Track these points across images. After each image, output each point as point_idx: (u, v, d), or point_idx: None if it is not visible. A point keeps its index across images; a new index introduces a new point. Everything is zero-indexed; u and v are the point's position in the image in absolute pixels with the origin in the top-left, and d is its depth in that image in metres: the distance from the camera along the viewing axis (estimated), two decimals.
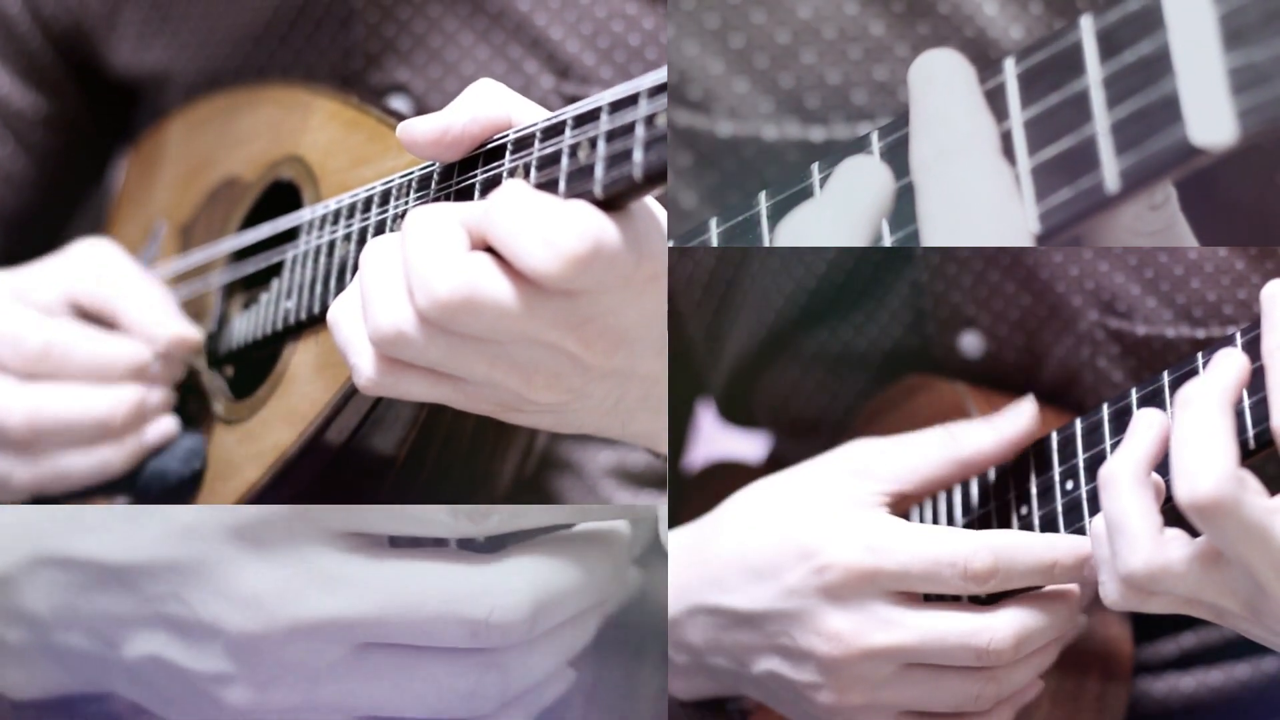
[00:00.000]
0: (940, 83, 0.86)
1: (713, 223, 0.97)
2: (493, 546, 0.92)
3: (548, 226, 0.84)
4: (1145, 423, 0.90)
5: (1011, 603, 0.98)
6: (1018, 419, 1.01)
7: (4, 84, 1.22)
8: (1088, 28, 0.83)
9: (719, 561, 1.02)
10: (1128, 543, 0.88)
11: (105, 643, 0.91)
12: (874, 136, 0.91)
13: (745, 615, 1.01)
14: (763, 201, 0.95)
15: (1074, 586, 0.99)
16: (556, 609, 0.91)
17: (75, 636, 0.91)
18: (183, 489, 1.07)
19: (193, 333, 1.08)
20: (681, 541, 1.04)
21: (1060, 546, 0.97)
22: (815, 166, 0.93)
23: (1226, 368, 0.88)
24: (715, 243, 0.97)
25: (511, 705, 0.92)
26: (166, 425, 1.07)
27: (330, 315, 0.91)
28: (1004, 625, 0.97)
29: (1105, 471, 0.90)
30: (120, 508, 0.91)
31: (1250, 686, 1.12)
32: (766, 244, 0.94)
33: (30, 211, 1.25)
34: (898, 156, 0.89)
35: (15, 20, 1.20)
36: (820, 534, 0.99)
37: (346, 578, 0.89)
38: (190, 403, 1.09)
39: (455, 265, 0.85)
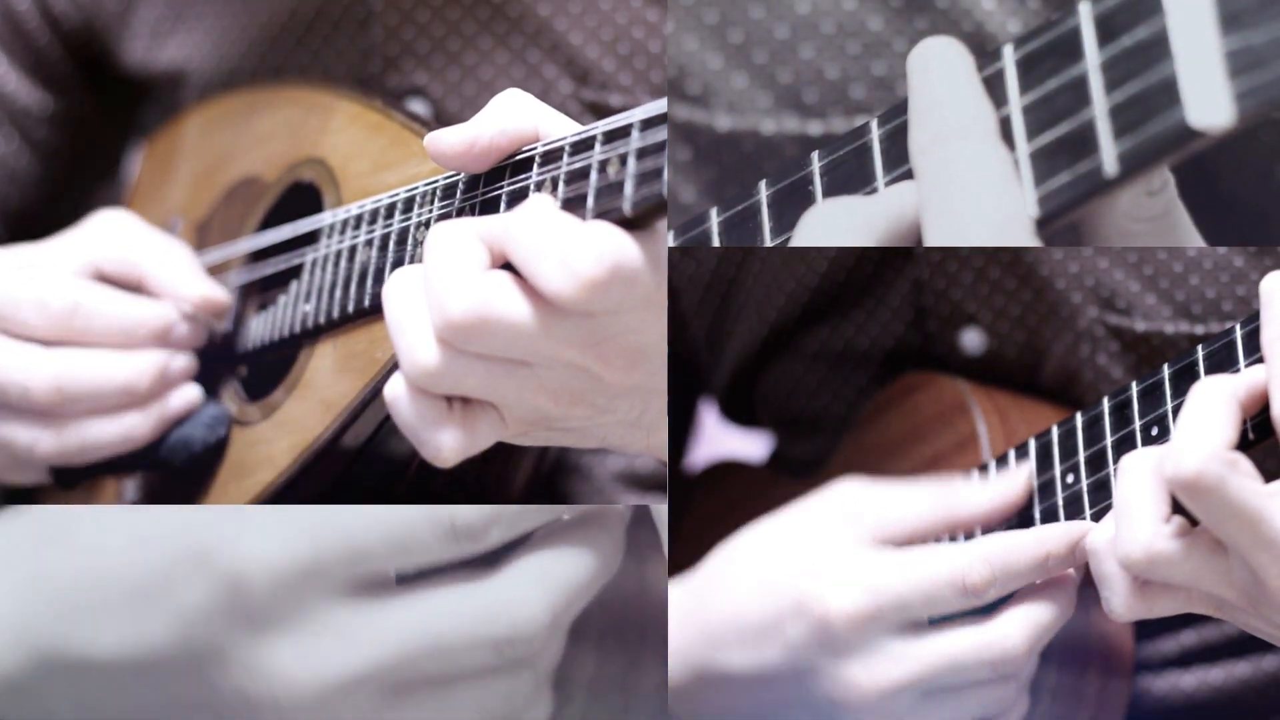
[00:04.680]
0: (938, 69, 0.87)
1: (713, 213, 0.97)
2: (497, 551, 0.92)
3: (566, 248, 0.84)
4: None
5: (1014, 603, 0.99)
6: (1012, 488, 1.01)
7: (11, 81, 1.22)
8: (1086, 13, 0.83)
9: (718, 622, 1.03)
10: (1129, 526, 0.88)
11: None
12: (873, 125, 0.91)
13: (754, 675, 1.01)
14: (763, 190, 0.95)
15: (1070, 571, 0.99)
16: (572, 604, 0.91)
17: None
18: (206, 456, 1.06)
19: (220, 293, 1.07)
20: (678, 598, 1.04)
21: (1050, 538, 0.98)
22: (815, 155, 0.93)
23: (1251, 373, 0.89)
24: (716, 233, 0.97)
25: (540, 686, 0.92)
26: (191, 392, 1.06)
27: (388, 394, 0.90)
28: (1015, 630, 0.98)
29: (1125, 459, 0.90)
30: (117, 597, 0.87)
31: (1251, 685, 1.11)
32: (767, 233, 0.95)
33: (36, 209, 1.25)
34: (896, 144, 0.90)
35: (24, 17, 1.20)
36: (814, 585, 0.99)
37: (362, 628, 0.87)
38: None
39: (469, 285, 0.85)
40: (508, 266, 0.86)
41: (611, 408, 0.90)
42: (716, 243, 0.97)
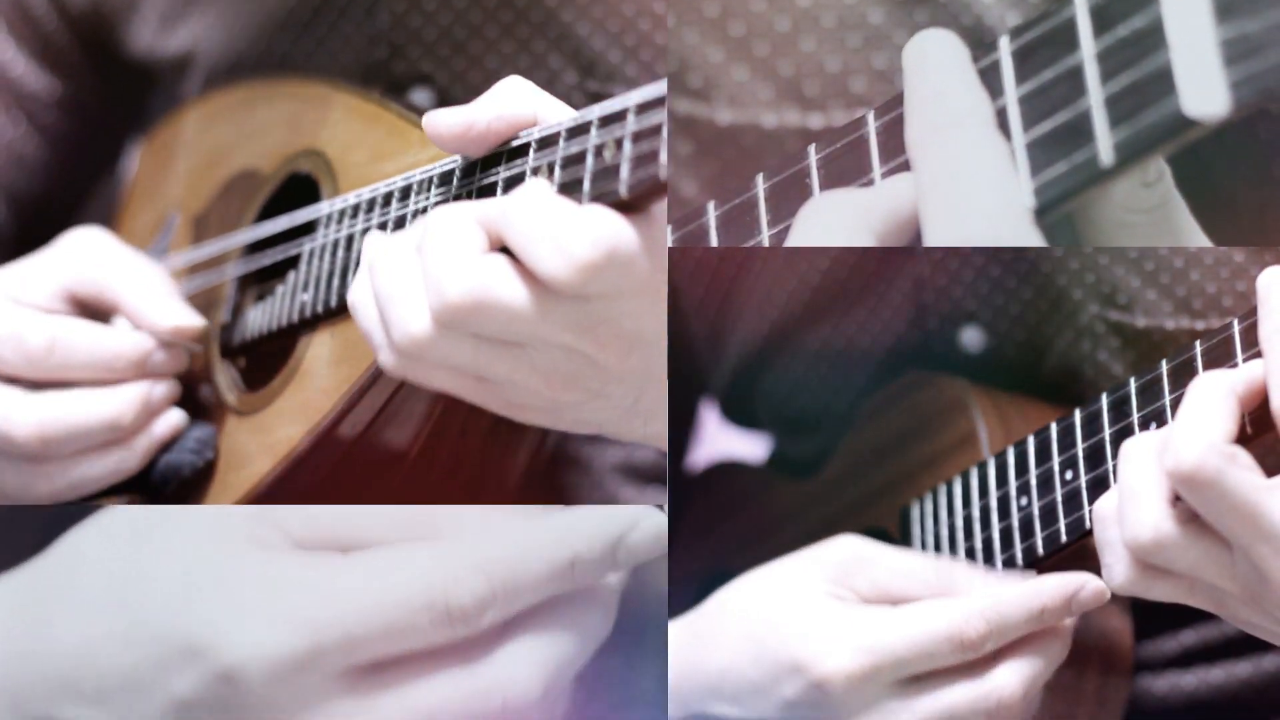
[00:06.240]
0: (934, 61, 0.87)
1: (710, 206, 0.97)
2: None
3: (562, 232, 0.84)
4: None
5: (1009, 653, 0.98)
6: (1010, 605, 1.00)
7: (19, 66, 1.22)
8: (1081, 3, 0.83)
9: (713, 673, 1.03)
10: (1136, 508, 0.88)
11: None
12: (869, 117, 0.91)
13: None
14: (760, 184, 0.95)
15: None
16: (564, 677, 0.89)
17: None
18: (196, 480, 1.06)
19: (194, 320, 1.06)
20: (678, 640, 1.04)
21: (1045, 590, 0.97)
22: (812, 148, 0.93)
23: (1250, 368, 0.89)
24: (713, 226, 0.97)
25: None
26: (175, 418, 1.06)
27: (351, 299, 0.91)
28: (1009, 681, 0.98)
29: (1128, 443, 0.90)
30: (111, 678, 0.86)
31: (1251, 684, 1.11)
32: (764, 226, 0.95)
33: (42, 194, 1.25)
34: (893, 136, 0.90)
35: (32, 2, 1.20)
36: (811, 645, 0.99)
37: (361, 714, 0.85)
38: (202, 392, 1.09)
39: (468, 268, 0.86)
40: (505, 251, 0.87)
41: (606, 393, 0.90)
42: (714, 236, 0.97)
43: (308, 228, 1.05)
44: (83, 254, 1.09)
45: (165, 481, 1.06)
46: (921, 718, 0.98)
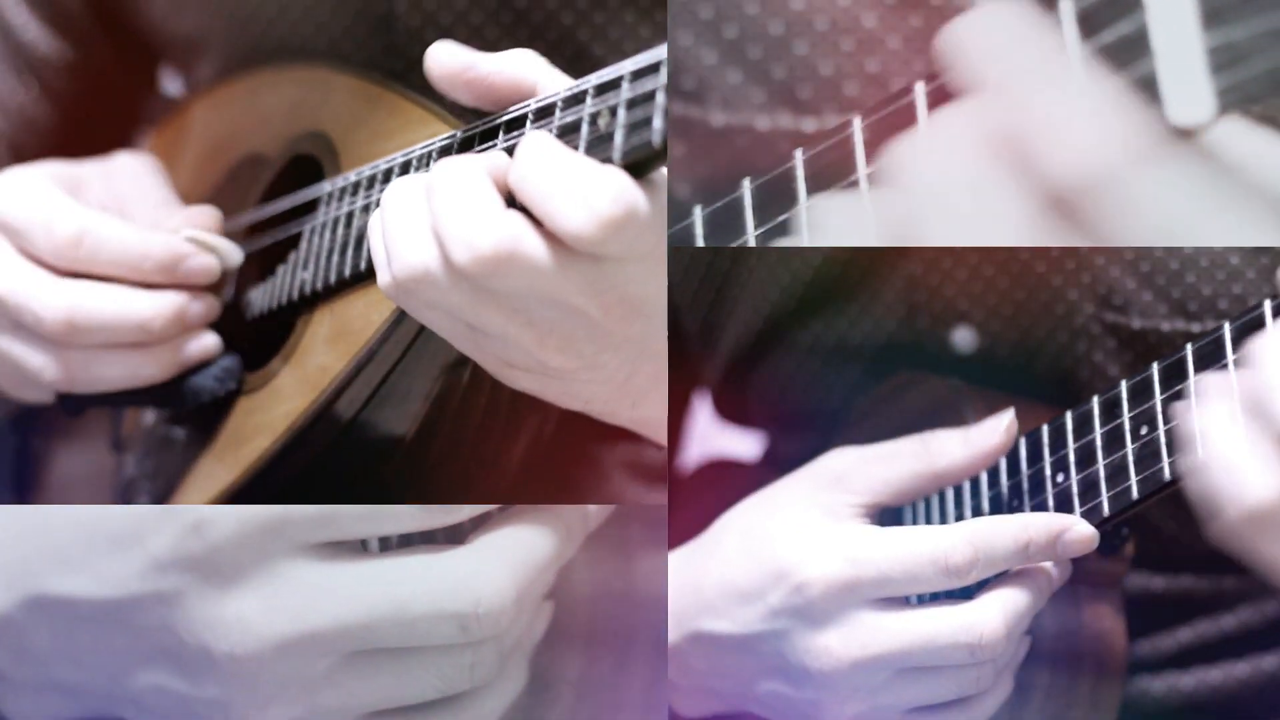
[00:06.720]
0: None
1: (697, 210, 0.97)
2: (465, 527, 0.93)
3: (584, 188, 0.84)
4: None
5: (992, 587, 0.98)
6: (992, 433, 1.01)
7: (30, 29, 1.22)
8: (1067, 9, 0.83)
9: (709, 587, 1.03)
10: (1246, 472, 0.85)
11: (108, 676, 0.91)
12: (855, 120, 0.91)
13: (738, 639, 1.01)
14: (746, 186, 0.95)
15: (1050, 567, 0.99)
16: (537, 584, 0.92)
17: (79, 671, 0.92)
18: (215, 406, 1.07)
19: (209, 215, 1.08)
20: (677, 566, 1.05)
21: (1034, 526, 0.97)
22: (798, 152, 0.93)
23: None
24: (699, 228, 0.97)
25: (509, 659, 0.93)
26: (208, 341, 1.06)
27: (370, 224, 0.92)
28: (992, 615, 0.97)
29: (1199, 413, 0.88)
30: (98, 542, 0.91)
31: (1250, 685, 1.11)
32: (750, 229, 0.95)
33: (52, 158, 1.25)
34: (878, 136, 0.89)
35: None
36: (797, 552, 0.99)
37: (327, 588, 0.89)
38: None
39: (496, 221, 0.86)
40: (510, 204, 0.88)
41: (599, 363, 0.91)
42: (700, 238, 0.97)
43: (310, 207, 1.06)
44: (125, 172, 1.10)
45: (184, 401, 1.06)
46: (901, 637, 0.97)
